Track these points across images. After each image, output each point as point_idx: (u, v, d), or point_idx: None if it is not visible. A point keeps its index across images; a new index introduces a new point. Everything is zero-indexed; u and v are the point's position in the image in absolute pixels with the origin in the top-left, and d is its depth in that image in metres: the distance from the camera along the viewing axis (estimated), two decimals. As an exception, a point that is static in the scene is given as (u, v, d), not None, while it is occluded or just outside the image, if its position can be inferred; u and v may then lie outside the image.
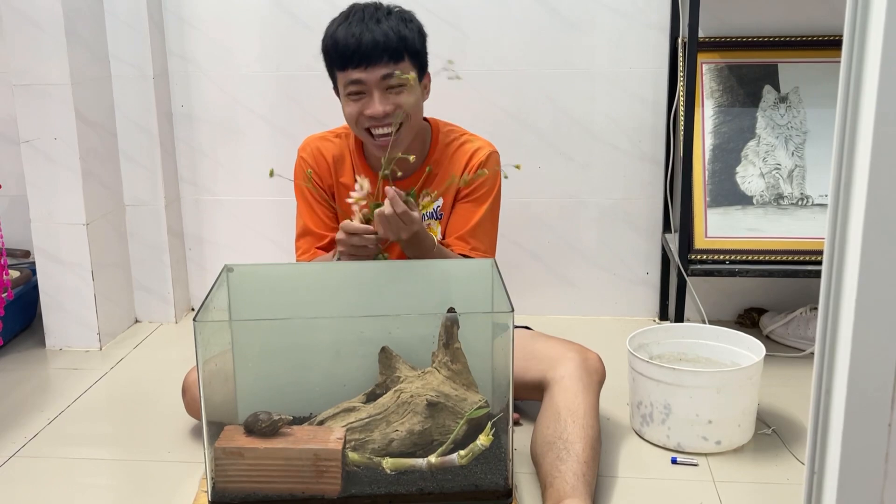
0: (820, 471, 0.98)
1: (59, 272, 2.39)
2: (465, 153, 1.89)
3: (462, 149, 1.89)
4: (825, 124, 2.28)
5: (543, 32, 2.41)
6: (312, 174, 1.89)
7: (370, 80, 1.73)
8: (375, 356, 1.61)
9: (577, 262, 2.57)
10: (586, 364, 1.73)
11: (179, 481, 1.74)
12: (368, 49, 1.71)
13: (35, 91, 2.28)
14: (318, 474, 1.46)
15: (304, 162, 1.92)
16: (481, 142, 1.91)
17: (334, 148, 1.91)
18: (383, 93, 1.74)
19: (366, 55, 1.71)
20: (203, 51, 2.51)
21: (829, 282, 0.94)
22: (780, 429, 1.89)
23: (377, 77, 1.73)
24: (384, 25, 1.73)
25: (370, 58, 1.71)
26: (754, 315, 2.48)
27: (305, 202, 1.91)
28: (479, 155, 1.88)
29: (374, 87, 1.74)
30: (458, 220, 1.87)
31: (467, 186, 1.86)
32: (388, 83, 1.74)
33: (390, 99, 1.74)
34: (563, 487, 1.52)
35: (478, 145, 1.90)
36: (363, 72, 1.73)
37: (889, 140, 0.85)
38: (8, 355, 2.39)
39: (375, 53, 1.71)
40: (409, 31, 1.75)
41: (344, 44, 1.73)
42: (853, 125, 0.90)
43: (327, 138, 1.94)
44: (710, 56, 2.34)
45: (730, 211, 2.25)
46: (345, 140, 1.92)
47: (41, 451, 1.88)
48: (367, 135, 1.79)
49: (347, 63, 1.73)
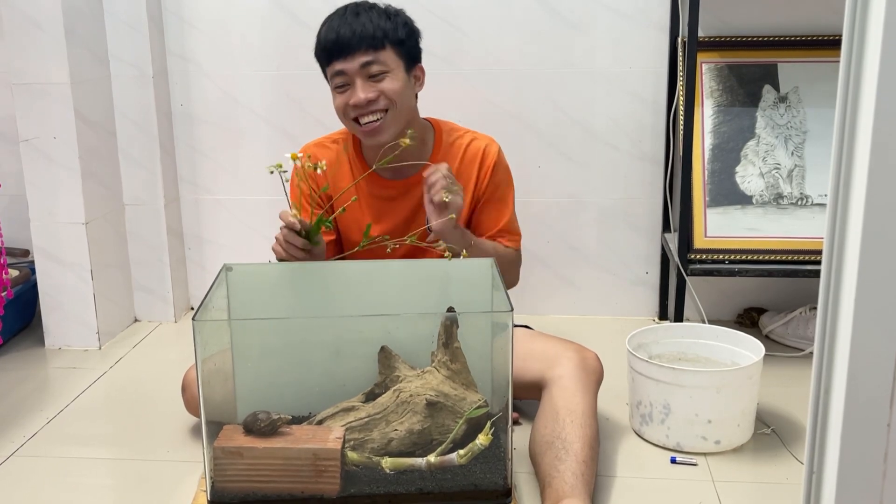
0: (819, 470, 0.98)
1: (58, 271, 2.39)
2: (474, 154, 1.91)
3: (470, 148, 1.91)
4: (825, 124, 2.28)
5: (544, 32, 2.41)
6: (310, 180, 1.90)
7: (351, 70, 1.78)
8: (375, 356, 1.61)
9: (576, 262, 2.57)
10: (584, 364, 1.73)
11: (178, 481, 1.74)
12: (346, 39, 1.77)
13: (34, 90, 2.28)
14: (318, 474, 1.46)
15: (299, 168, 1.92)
16: (484, 139, 1.94)
17: (331, 153, 1.92)
18: (365, 80, 1.78)
19: (345, 45, 1.77)
20: (203, 50, 2.51)
21: (829, 281, 0.94)
22: (779, 428, 1.89)
23: (357, 66, 1.77)
24: (363, 17, 1.79)
25: (349, 47, 1.77)
26: (754, 315, 2.48)
27: (300, 205, 1.91)
28: (490, 154, 1.91)
29: (355, 76, 1.78)
30: (489, 220, 1.92)
31: (488, 188, 1.91)
32: (370, 71, 1.78)
33: (373, 86, 1.78)
34: (563, 487, 1.52)
35: (483, 144, 1.92)
36: (343, 62, 1.78)
37: (888, 139, 0.85)
38: (7, 354, 2.39)
39: (353, 42, 1.77)
40: (390, 23, 1.80)
41: (325, 38, 1.80)
42: (852, 125, 0.89)
43: (324, 144, 1.95)
44: (710, 56, 2.34)
45: (729, 211, 2.25)
46: (342, 144, 1.93)
47: (40, 450, 1.88)
48: (355, 124, 1.82)
49: (330, 56, 1.79)
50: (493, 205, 1.92)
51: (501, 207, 1.92)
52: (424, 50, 1.89)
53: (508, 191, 1.94)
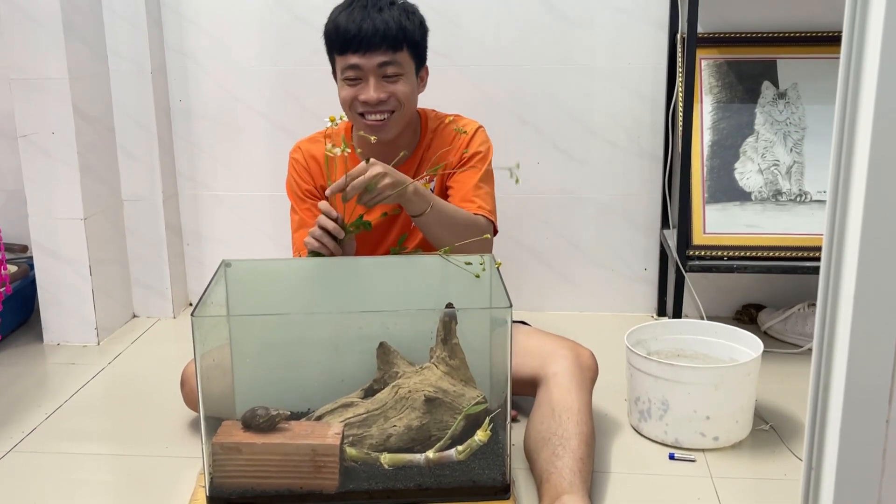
0: (818, 467, 0.98)
1: (56, 267, 2.39)
2: (457, 135, 1.91)
3: (448, 128, 1.93)
4: (824, 121, 2.28)
5: (542, 28, 2.41)
6: (309, 172, 1.90)
7: (367, 66, 1.77)
8: (373, 352, 1.61)
9: (575, 258, 2.57)
10: (579, 361, 1.73)
11: (177, 476, 1.74)
12: (368, 35, 1.75)
13: (33, 86, 2.28)
14: (316, 469, 1.46)
15: (296, 163, 1.94)
16: (467, 120, 1.95)
17: (324, 148, 1.91)
18: (379, 80, 1.78)
19: (365, 41, 1.75)
20: (201, 46, 2.51)
21: (828, 278, 0.94)
22: (777, 425, 1.89)
23: (374, 64, 1.77)
24: (386, 14, 1.76)
25: (369, 44, 1.75)
26: (752, 311, 2.48)
27: (299, 200, 1.93)
28: (469, 131, 1.91)
29: (370, 74, 1.78)
30: (457, 186, 1.88)
31: (459, 160, 1.88)
32: (385, 71, 1.78)
33: (386, 87, 1.78)
34: (561, 483, 1.52)
35: (463, 122, 1.93)
36: (361, 57, 1.76)
37: (888, 136, 0.85)
38: (5, 350, 2.39)
39: (375, 40, 1.75)
40: (410, 23, 1.79)
41: (345, 28, 1.76)
42: (852, 121, 0.89)
43: (316, 139, 1.95)
44: (709, 52, 2.34)
45: (728, 207, 2.25)
46: (334, 139, 1.93)
47: (39, 445, 1.87)
48: (359, 118, 1.82)
49: (347, 47, 1.77)
50: (465, 173, 1.90)
51: (472, 174, 1.89)
52: (423, 45, 1.89)
53: (481, 164, 1.90)
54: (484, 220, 1.84)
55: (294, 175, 1.94)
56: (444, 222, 1.74)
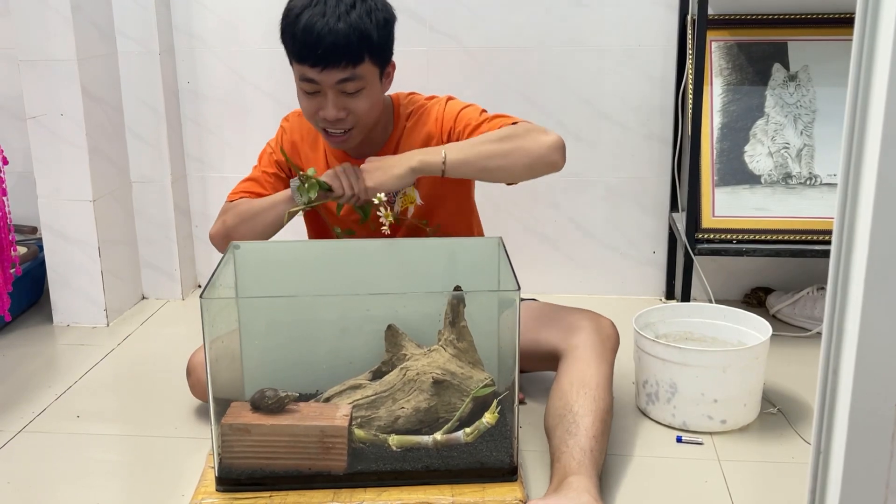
0: (826, 450, 0.98)
1: (66, 249, 2.39)
2: (427, 118, 1.81)
3: (425, 115, 1.81)
4: (834, 103, 2.26)
5: (552, 9, 2.39)
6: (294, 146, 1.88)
7: (325, 83, 1.65)
8: (382, 334, 1.61)
9: (583, 241, 2.56)
10: (600, 331, 1.72)
11: (186, 457, 1.75)
12: (328, 51, 1.61)
13: (41, 67, 2.28)
14: (325, 451, 1.47)
15: (282, 133, 1.90)
16: (435, 101, 1.84)
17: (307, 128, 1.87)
18: (338, 96, 1.66)
19: (323, 57, 1.61)
20: (209, 27, 2.50)
21: (838, 261, 0.94)
22: (785, 408, 1.89)
23: (333, 81, 1.64)
24: (349, 19, 1.62)
25: (328, 60, 1.62)
26: (761, 294, 2.48)
27: (265, 162, 1.88)
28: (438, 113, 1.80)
29: (328, 89, 1.66)
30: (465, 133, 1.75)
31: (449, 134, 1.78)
32: (345, 87, 1.66)
33: (345, 102, 1.67)
34: (570, 463, 1.52)
35: (433, 106, 1.82)
36: (319, 73, 1.63)
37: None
38: (15, 331, 2.40)
39: (334, 57, 1.61)
40: (372, 27, 1.64)
41: (302, 39, 1.62)
42: (864, 104, 0.89)
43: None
44: (720, 34, 2.32)
45: (737, 190, 2.24)
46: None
47: (49, 426, 1.89)
48: (322, 132, 1.74)
49: (304, 59, 1.64)
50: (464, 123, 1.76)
51: (470, 112, 1.76)
52: (430, 27, 1.87)
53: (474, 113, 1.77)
54: (518, 125, 1.70)
55: (273, 142, 1.90)
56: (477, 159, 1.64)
